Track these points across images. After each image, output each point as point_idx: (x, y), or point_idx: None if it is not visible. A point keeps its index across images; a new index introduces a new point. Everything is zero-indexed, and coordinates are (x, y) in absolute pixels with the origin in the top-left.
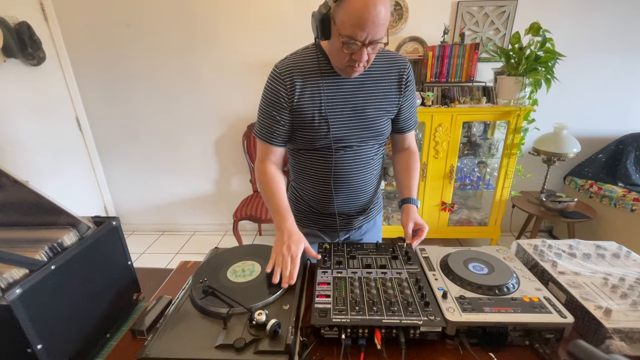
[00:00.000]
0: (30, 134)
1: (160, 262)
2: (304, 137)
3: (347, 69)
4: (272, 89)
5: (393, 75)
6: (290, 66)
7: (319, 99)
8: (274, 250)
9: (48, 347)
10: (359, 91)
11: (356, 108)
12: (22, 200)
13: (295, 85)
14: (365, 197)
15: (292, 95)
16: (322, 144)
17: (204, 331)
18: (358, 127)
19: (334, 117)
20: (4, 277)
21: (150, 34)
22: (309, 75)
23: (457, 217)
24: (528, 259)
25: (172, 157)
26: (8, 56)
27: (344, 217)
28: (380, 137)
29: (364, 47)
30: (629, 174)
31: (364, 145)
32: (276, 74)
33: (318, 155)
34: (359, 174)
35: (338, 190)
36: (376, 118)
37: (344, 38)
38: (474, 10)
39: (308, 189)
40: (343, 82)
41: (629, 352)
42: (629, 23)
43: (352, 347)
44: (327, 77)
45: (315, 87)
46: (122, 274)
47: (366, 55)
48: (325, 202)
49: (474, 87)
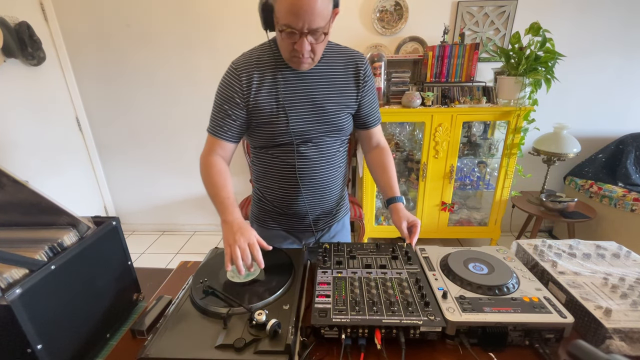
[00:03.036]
0: (30, 134)
1: (160, 262)
2: (264, 133)
3: (293, 59)
4: (227, 84)
5: (350, 70)
6: (247, 61)
7: (276, 92)
8: (226, 243)
9: (48, 347)
10: (317, 85)
11: (315, 102)
12: (22, 200)
13: (253, 81)
14: (331, 195)
15: (248, 91)
16: (282, 140)
17: (204, 331)
18: (317, 121)
19: (292, 110)
20: (4, 277)
21: (150, 34)
22: (266, 69)
23: (457, 217)
24: (528, 259)
25: (172, 157)
26: (8, 56)
27: (309, 218)
28: (340, 132)
29: (303, 37)
30: (629, 174)
31: (326, 139)
32: (232, 70)
33: (280, 152)
34: (323, 170)
35: (302, 188)
36: (335, 113)
37: (281, 26)
38: (474, 10)
39: (272, 188)
40: (301, 76)
41: (629, 352)
42: (629, 23)
43: (352, 347)
44: (284, 71)
45: (272, 81)
46: (122, 274)
47: (308, 45)
48: (290, 200)
49: (474, 87)
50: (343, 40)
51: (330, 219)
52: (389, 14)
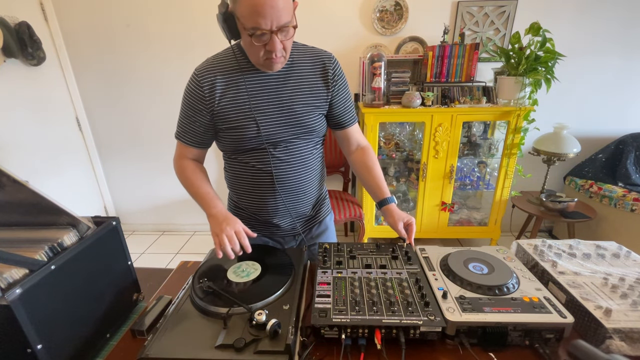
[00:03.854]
0: (30, 134)
1: (160, 262)
2: (233, 138)
3: (266, 62)
4: (190, 91)
5: (317, 70)
6: (209, 68)
7: (242, 97)
8: (213, 234)
9: (48, 347)
10: (284, 86)
11: (283, 104)
12: (22, 200)
13: (216, 87)
14: (307, 198)
15: (212, 98)
16: (252, 144)
17: (204, 331)
18: (287, 123)
19: (261, 114)
20: (4, 277)
21: (150, 34)
22: (230, 75)
23: (457, 217)
24: (528, 259)
25: (172, 157)
26: (8, 56)
27: (288, 221)
28: (312, 133)
29: (273, 35)
30: (629, 174)
31: (297, 142)
32: (194, 78)
33: (252, 158)
34: (297, 174)
35: (277, 192)
36: (305, 114)
37: (249, 30)
38: (474, 10)
39: (245, 194)
40: (267, 78)
41: (629, 352)
42: (629, 23)
43: (352, 347)
44: (249, 74)
45: (238, 86)
46: (122, 274)
47: (279, 43)
48: (265, 205)
49: (474, 87)
50: (343, 40)
51: (309, 221)
52: (389, 14)
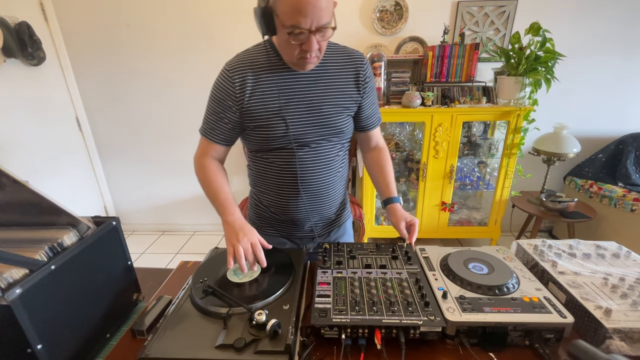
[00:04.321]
0: (30, 134)
1: (160, 262)
2: (260, 136)
3: (300, 61)
4: (220, 87)
5: (349, 71)
6: (240, 64)
7: (272, 96)
8: (229, 243)
9: (48, 347)
10: (314, 86)
11: (312, 104)
12: (22, 200)
13: (247, 84)
14: (331, 201)
15: (242, 95)
16: (279, 144)
17: (204, 331)
18: (316, 124)
19: (290, 114)
20: (4, 277)
21: (150, 34)
22: (262, 72)
23: (457, 217)
24: (528, 259)
25: (172, 157)
26: (8, 56)
27: (309, 224)
28: (340, 135)
29: (311, 35)
30: (629, 174)
31: (324, 144)
32: (226, 73)
33: (277, 157)
34: (322, 176)
35: (300, 194)
36: (334, 115)
37: (288, 29)
38: (474, 10)
39: (268, 193)
40: (298, 77)
41: (629, 352)
42: (629, 23)
43: (352, 347)
44: (281, 73)
45: (268, 83)
46: (122, 274)
47: (316, 44)
48: (287, 206)
49: (474, 87)
50: (343, 40)
51: (329, 225)
52: (389, 14)
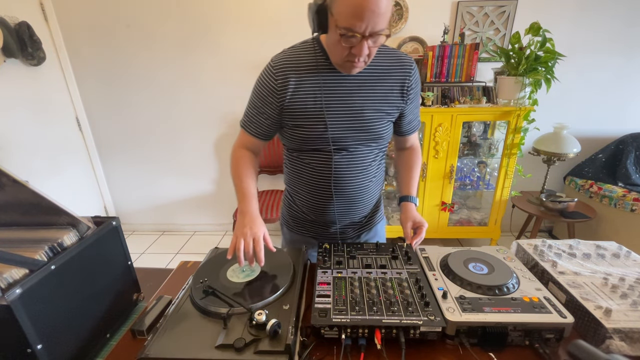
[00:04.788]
0: (30, 134)
1: (160, 262)
2: (299, 135)
3: (346, 64)
4: (264, 82)
5: (396, 77)
6: (285, 62)
7: (314, 96)
8: (234, 233)
9: (48, 347)
10: (358, 90)
11: (354, 108)
12: (22, 200)
13: (289, 82)
14: (364, 206)
15: (284, 93)
16: (317, 145)
17: (204, 331)
18: (355, 128)
19: (330, 116)
20: (4, 277)
21: (150, 34)
22: (306, 72)
23: (457, 217)
24: (528, 259)
25: (172, 157)
26: (8, 56)
27: (342, 226)
28: (379, 140)
29: (364, 40)
30: (629, 174)
31: (362, 148)
32: (270, 69)
33: (313, 158)
34: (356, 182)
35: (334, 197)
36: (375, 120)
37: (342, 30)
38: (474, 10)
39: (301, 193)
40: (342, 79)
41: (629, 352)
42: (630, 23)
43: (352, 347)
44: (325, 73)
45: (312, 84)
46: (122, 274)
47: (367, 49)
48: (319, 208)
49: (474, 87)
50: None
51: (360, 228)
52: None
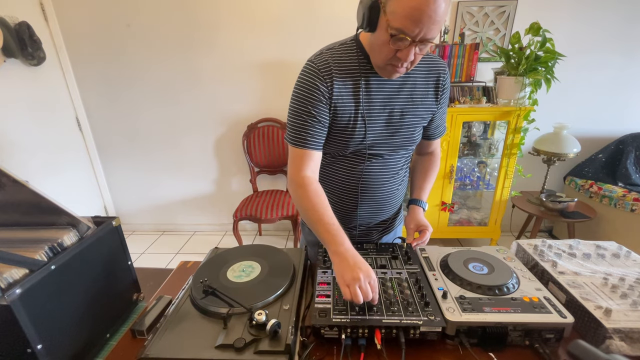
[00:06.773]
0: (30, 134)
1: (160, 262)
2: (337, 140)
3: (388, 67)
4: (310, 84)
5: (431, 80)
6: (329, 61)
7: (356, 100)
8: (342, 281)
9: (48, 347)
10: (397, 95)
11: (393, 113)
12: (22, 200)
13: (334, 83)
14: (388, 210)
15: (330, 93)
16: (353, 150)
17: (204, 331)
18: (392, 133)
19: (371, 121)
20: (4, 277)
21: (150, 33)
22: (348, 74)
23: (457, 217)
24: (528, 259)
25: (172, 157)
26: (8, 56)
27: (363, 229)
28: (411, 145)
29: (412, 45)
30: (629, 174)
31: (394, 155)
32: (313, 69)
33: (344, 163)
34: (385, 187)
35: (360, 202)
36: (412, 125)
37: (393, 30)
38: (474, 10)
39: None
40: (383, 84)
41: (629, 352)
42: (630, 23)
43: (352, 347)
44: (367, 77)
45: (354, 86)
46: (122, 274)
47: (412, 55)
48: (347, 212)
49: (474, 87)
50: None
51: (382, 231)
52: None
